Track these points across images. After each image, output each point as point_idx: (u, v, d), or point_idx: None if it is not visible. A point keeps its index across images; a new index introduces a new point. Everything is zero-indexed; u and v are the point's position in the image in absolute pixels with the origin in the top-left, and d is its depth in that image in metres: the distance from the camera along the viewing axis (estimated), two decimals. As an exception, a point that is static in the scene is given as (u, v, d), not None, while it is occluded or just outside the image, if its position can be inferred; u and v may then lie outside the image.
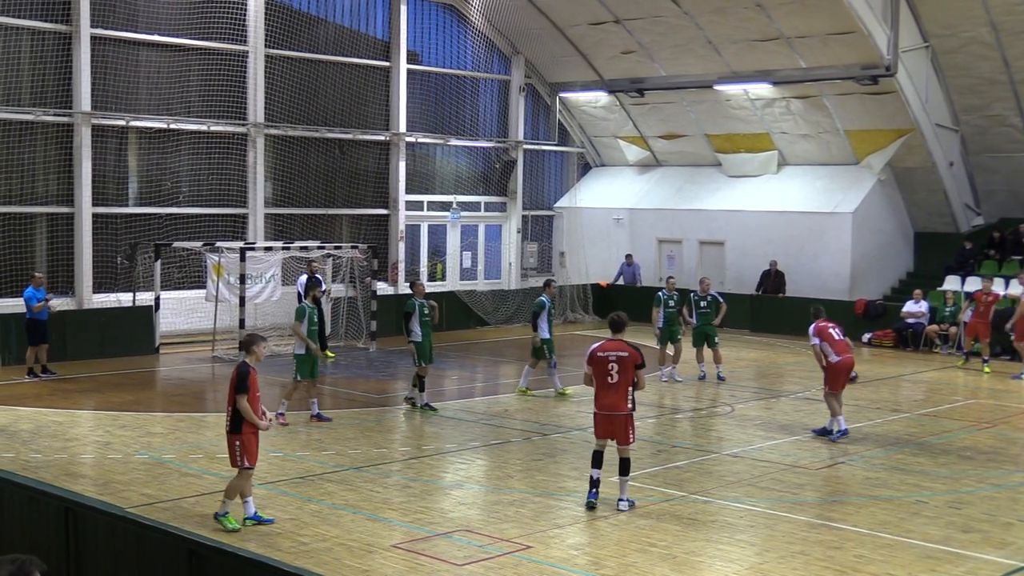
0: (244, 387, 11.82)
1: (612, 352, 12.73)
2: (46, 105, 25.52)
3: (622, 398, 12.71)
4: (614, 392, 12.71)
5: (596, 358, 12.77)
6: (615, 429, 12.79)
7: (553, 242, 38.05)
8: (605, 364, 12.73)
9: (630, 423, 12.81)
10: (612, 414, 12.77)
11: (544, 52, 35.21)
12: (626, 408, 12.72)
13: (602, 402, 12.82)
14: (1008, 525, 12.60)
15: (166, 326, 25.83)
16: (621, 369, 12.65)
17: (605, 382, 12.74)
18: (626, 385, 12.67)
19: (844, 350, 17.22)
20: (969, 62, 29.48)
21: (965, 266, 30.57)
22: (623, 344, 12.79)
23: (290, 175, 30.36)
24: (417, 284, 20.17)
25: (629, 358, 12.65)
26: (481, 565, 10.89)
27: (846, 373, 17.35)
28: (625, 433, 12.78)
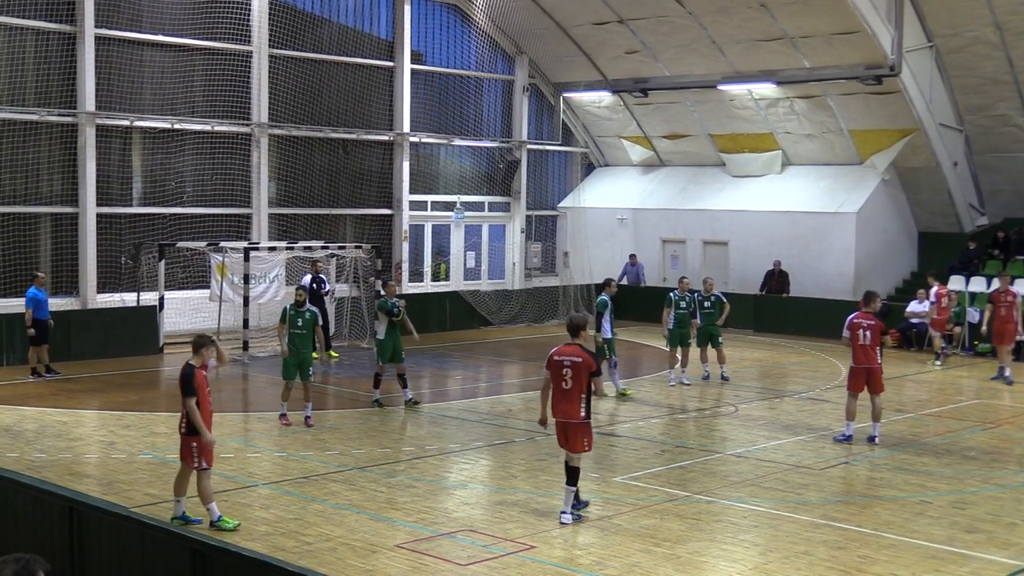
0: (190, 389, 11.89)
1: (567, 357, 12.23)
2: (50, 105, 25.55)
3: (575, 406, 12.21)
4: (568, 399, 12.23)
5: (552, 362, 12.33)
6: (569, 437, 12.31)
7: (557, 242, 38.05)
8: (560, 369, 12.26)
9: (585, 432, 12.30)
10: (566, 422, 12.30)
11: (548, 52, 35.21)
12: (579, 416, 12.23)
13: (557, 408, 12.39)
14: (1012, 525, 12.59)
15: (170, 326, 25.84)
16: (575, 375, 12.14)
17: (560, 388, 12.28)
18: (580, 392, 12.16)
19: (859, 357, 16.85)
20: (973, 62, 29.44)
21: (969, 266, 30.54)
22: (578, 349, 12.28)
23: (294, 175, 30.38)
24: (389, 284, 20.28)
25: (583, 364, 12.12)
26: (485, 565, 10.89)
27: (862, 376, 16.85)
28: (578, 441, 12.28)
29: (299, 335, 17.48)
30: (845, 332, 16.97)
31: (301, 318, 17.55)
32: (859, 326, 16.86)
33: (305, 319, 17.57)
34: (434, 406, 19.74)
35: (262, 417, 19.04)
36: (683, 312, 21.91)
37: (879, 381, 16.83)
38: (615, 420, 18.57)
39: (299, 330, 17.48)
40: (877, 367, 16.80)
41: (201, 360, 12.20)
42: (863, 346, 16.78)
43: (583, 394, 12.16)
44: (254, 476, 14.37)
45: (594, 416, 18.69)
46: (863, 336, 16.77)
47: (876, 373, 16.80)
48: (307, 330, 17.57)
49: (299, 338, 17.48)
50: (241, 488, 13.71)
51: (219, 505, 12.76)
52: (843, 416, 17.21)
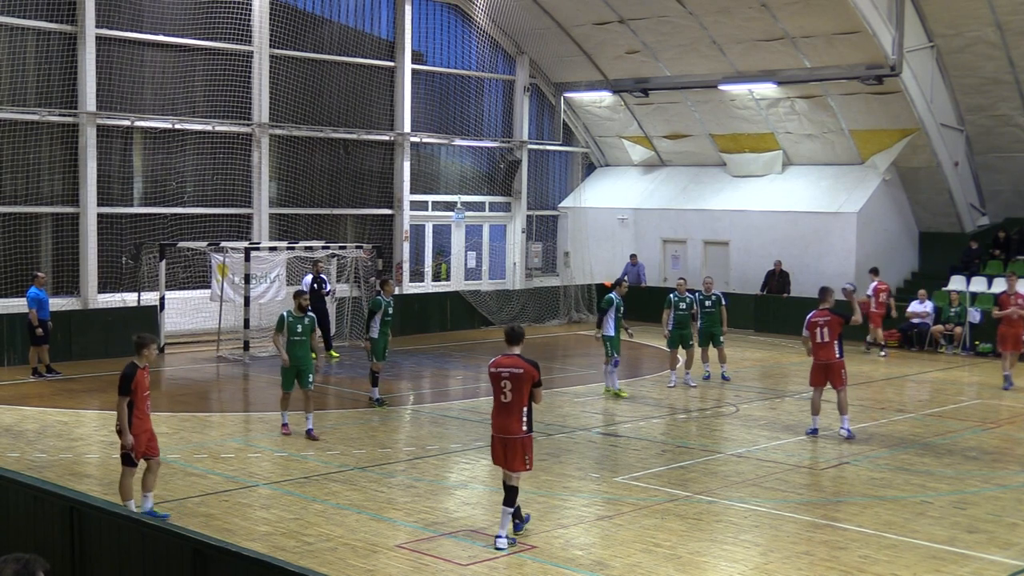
0: (125, 389, 12.01)
1: (506, 368, 11.53)
2: (51, 105, 25.55)
3: (516, 420, 11.49)
4: (507, 413, 11.52)
5: (490, 374, 11.70)
6: (508, 453, 11.56)
7: (557, 242, 38.05)
8: (498, 381, 11.57)
9: (526, 448, 11.57)
10: (505, 437, 11.56)
11: (549, 52, 35.21)
12: (520, 431, 11.51)
13: (495, 423, 11.69)
14: (1013, 525, 12.58)
15: (171, 326, 25.86)
16: (515, 387, 11.44)
17: (499, 401, 11.60)
18: (520, 405, 11.47)
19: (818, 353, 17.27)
20: (974, 62, 29.43)
21: (970, 266, 30.54)
22: (519, 360, 11.53)
23: (295, 175, 30.38)
24: (388, 283, 19.94)
25: (525, 375, 11.42)
26: (485, 565, 10.89)
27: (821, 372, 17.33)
28: (519, 459, 11.52)
29: (299, 342, 16.73)
30: (804, 331, 17.27)
31: (300, 324, 16.79)
32: (816, 324, 17.16)
33: (304, 325, 16.82)
34: (435, 406, 19.74)
35: (262, 417, 19.05)
36: (683, 313, 21.89)
37: (839, 376, 17.21)
38: (616, 420, 18.56)
39: (299, 337, 16.73)
40: (836, 362, 17.19)
41: (145, 359, 12.30)
42: (821, 343, 17.18)
43: (524, 407, 11.50)
44: (255, 476, 14.37)
45: (592, 417, 18.77)
46: (820, 334, 17.17)
47: (835, 368, 17.20)
48: (306, 336, 16.82)
49: (299, 345, 16.73)
50: (242, 488, 13.71)
51: (220, 505, 12.78)
52: (839, 416, 17.27)
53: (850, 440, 16.82)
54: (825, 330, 17.16)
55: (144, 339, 12.38)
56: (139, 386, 12.09)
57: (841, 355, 17.26)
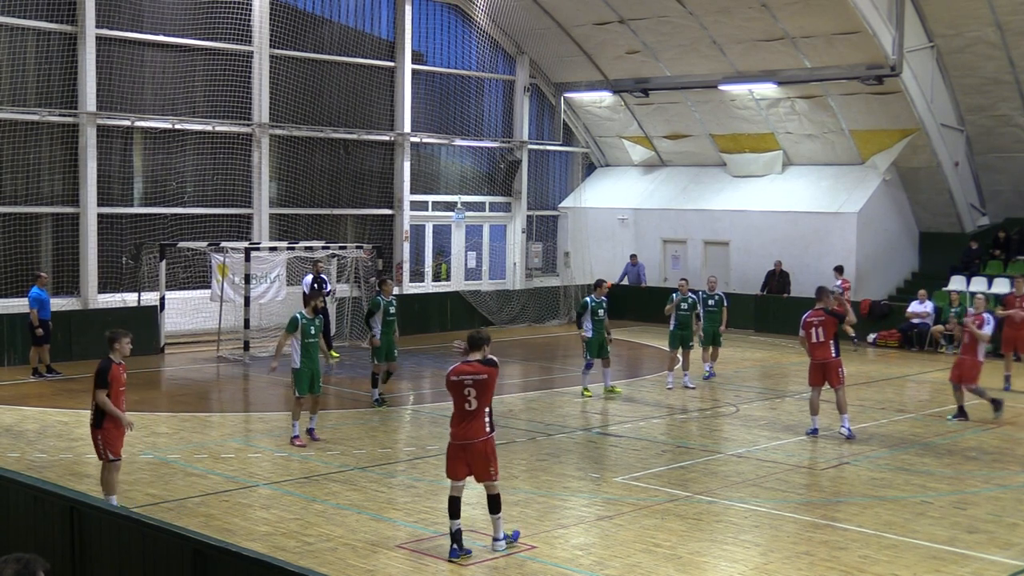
0: (102, 382, 12.04)
1: (468, 375, 11.18)
2: (51, 105, 25.55)
3: (480, 423, 11.18)
4: (471, 418, 11.17)
5: (451, 383, 11.26)
6: (473, 460, 11.17)
7: (558, 242, 38.04)
8: (461, 389, 11.19)
9: (489, 454, 11.22)
10: (467, 443, 11.18)
11: (549, 52, 35.21)
12: (484, 433, 11.20)
13: (457, 432, 11.24)
14: (1014, 526, 12.58)
15: (171, 326, 25.86)
16: (480, 393, 11.17)
17: (462, 409, 11.20)
18: (484, 408, 11.20)
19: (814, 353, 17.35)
20: (974, 62, 29.44)
21: (970, 266, 30.54)
22: (479, 366, 11.22)
23: (295, 175, 30.37)
24: (387, 283, 19.79)
25: (489, 379, 11.21)
26: (485, 565, 10.89)
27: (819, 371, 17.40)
28: (486, 465, 11.21)
29: (312, 344, 16.30)
30: (800, 332, 17.34)
31: (313, 326, 16.35)
32: (811, 324, 17.23)
33: (316, 327, 16.43)
34: (435, 406, 19.73)
35: (263, 417, 19.07)
36: (685, 314, 21.86)
37: (836, 375, 17.27)
38: (616, 420, 18.56)
39: (312, 339, 16.30)
40: (833, 361, 17.26)
41: (119, 354, 12.32)
42: (817, 343, 17.26)
43: (487, 408, 11.25)
44: (255, 476, 14.37)
45: (592, 417, 18.76)
46: (816, 334, 17.25)
47: (832, 367, 17.27)
48: (317, 339, 16.46)
49: (313, 348, 16.31)
50: (242, 488, 13.71)
51: (220, 505, 12.78)
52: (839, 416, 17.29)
53: (850, 440, 16.82)
54: (820, 330, 17.23)
55: (116, 334, 12.37)
56: (115, 380, 12.16)
57: (837, 354, 17.30)
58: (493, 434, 11.32)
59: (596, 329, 20.58)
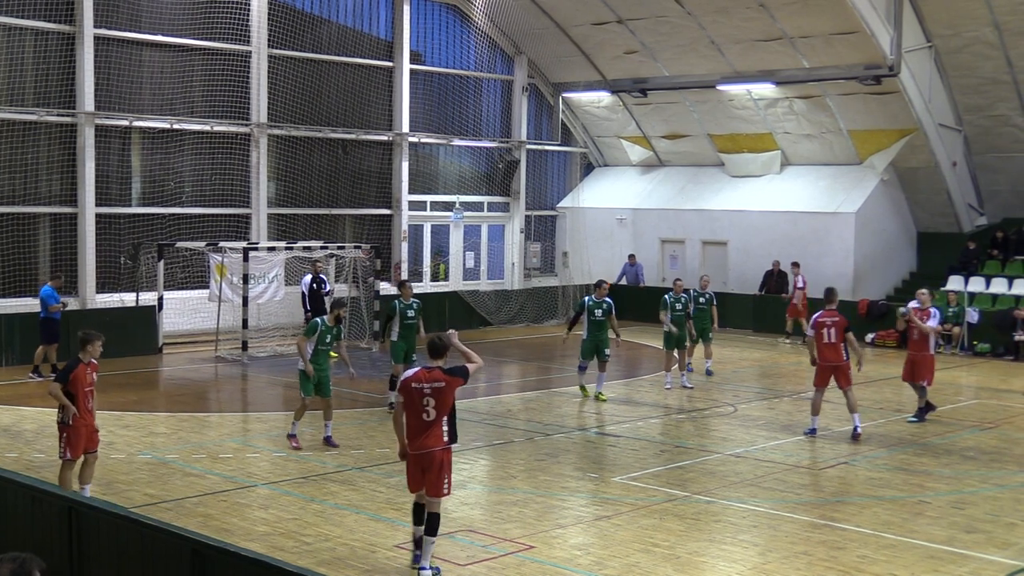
0: (63, 378, 12.26)
1: (427, 384, 10.60)
2: (49, 105, 25.54)
3: (438, 432, 10.62)
4: (429, 428, 10.59)
5: (410, 389, 10.60)
6: (428, 469, 10.60)
7: (556, 242, 38.04)
8: (419, 397, 10.57)
9: (445, 467, 10.62)
10: (424, 453, 10.60)
11: (547, 52, 35.21)
12: (443, 441, 10.63)
13: (416, 442, 10.62)
14: (1012, 525, 12.59)
15: (169, 326, 25.85)
16: (439, 402, 10.58)
17: (420, 419, 10.58)
18: (443, 417, 10.65)
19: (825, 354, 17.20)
20: (972, 62, 29.45)
21: (968, 266, 30.55)
22: (439, 373, 10.66)
23: (293, 175, 30.36)
24: (405, 287, 19.48)
25: (448, 387, 10.64)
26: (484, 565, 10.90)
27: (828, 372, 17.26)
28: (439, 477, 10.58)
29: (324, 351, 16.17)
30: (809, 331, 17.32)
31: (331, 334, 16.18)
32: (823, 324, 17.17)
33: (334, 335, 16.27)
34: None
35: (261, 417, 19.07)
36: (679, 314, 21.86)
37: (847, 376, 17.21)
38: (614, 420, 18.55)
39: (326, 346, 16.17)
40: (844, 364, 17.20)
41: (88, 355, 12.42)
42: (828, 344, 17.17)
43: (446, 416, 10.71)
44: (253, 476, 14.37)
45: (590, 417, 18.75)
46: (827, 335, 17.15)
47: (843, 369, 17.21)
48: (331, 347, 16.38)
49: (324, 354, 16.18)
50: (240, 488, 13.71)
51: (219, 505, 12.78)
52: (843, 415, 17.30)
53: (856, 438, 16.80)
54: (832, 331, 17.14)
55: (89, 335, 12.51)
56: (79, 380, 12.28)
57: (848, 356, 17.24)
58: (453, 445, 10.79)
59: (591, 331, 20.18)
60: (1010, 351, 26.51)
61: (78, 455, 12.42)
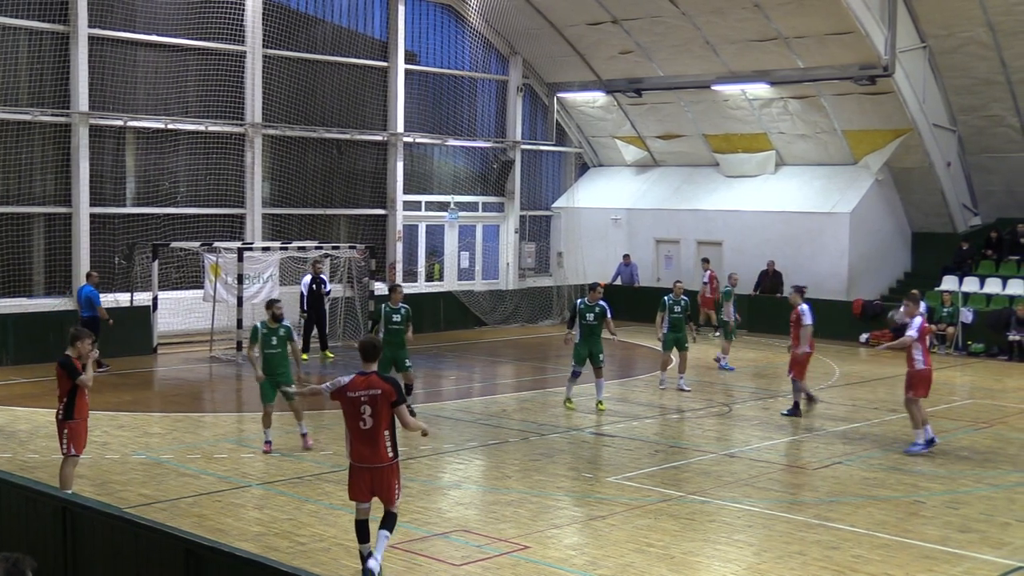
0: (75, 372, 12.26)
1: (363, 391, 10.21)
2: (43, 105, 25.49)
3: (381, 446, 10.24)
4: (370, 440, 10.23)
5: (345, 398, 10.27)
6: (378, 486, 10.34)
7: (551, 242, 38.04)
8: (356, 406, 10.23)
9: (395, 476, 10.40)
10: (372, 467, 10.29)
11: (542, 52, 35.21)
12: (387, 457, 10.28)
13: (358, 453, 10.32)
14: (1006, 525, 12.61)
15: (164, 326, 25.81)
16: (376, 411, 10.19)
17: (358, 428, 10.25)
18: (382, 429, 10.24)
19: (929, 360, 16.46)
20: (966, 62, 29.49)
21: (962, 266, 30.59)
22: (375, 379, 10.28)
23: (288, 175, 30.34)
24: (395, 291, 18.90)
25: (383, 395, 10.19)
26: (479, 565, 10.89)
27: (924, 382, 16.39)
28: (390, 490, 10.36)
29: (273, 355, 15.65)
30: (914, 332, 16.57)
31: (275, 336, 15.68)
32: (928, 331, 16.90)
33: (280, 336, 15.68)
34: (428, 406, 19.72)
35: (255, 418, 19.02)
36: (678, 316, 21.64)
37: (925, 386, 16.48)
38: (608, 420, 18.55)
39: (273, 349, 15.64)
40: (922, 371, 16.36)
41: (77, 352, 12.44)
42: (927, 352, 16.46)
43: (387, 431, 10.27)
44: (248, 476, 14.36)
45: (585, 416, 18.75)
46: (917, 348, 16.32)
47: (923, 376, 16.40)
48: (281, 348, 15.68)
49: (274, 358, 15.66)
50: (235, 488, 13.70)
51: (213, 505, 12.77)
52: (835, 416, 17.27)
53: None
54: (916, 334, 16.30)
55: (78, 332, 12.60)
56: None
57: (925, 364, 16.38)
58: (397, 460, 10.44)
59: (584, 336, 19.24)
60: (1004, 351, 26.53)
61: (82, 450, 12.50)
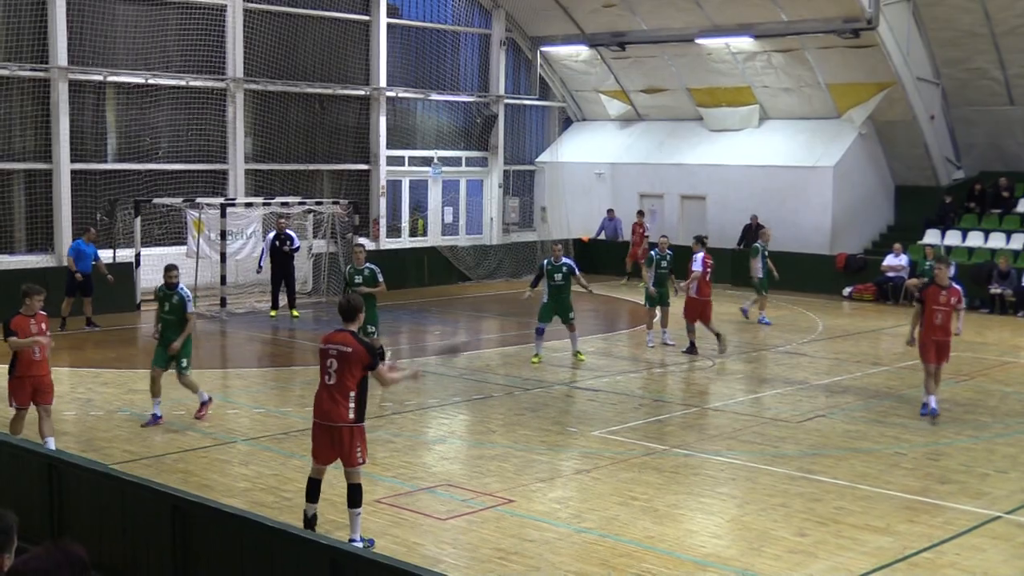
0: (8, 332, 12.55)
1: (334, 345, 10.13)
2: (22, 60, 25.22)
3: (342, 406, 10.07)
4: (330, 396, 10.11)
5: (318, 350, 10.33)
6: (335, 446, 10.18)
7: (535, 197, 37.97)
8: (324, 359, 10.20)
9: (357, 438, 10.17)
10: (330, 425, 10.13)
11: (525, 5, 34.96)
12: (347, 418, 10.09)
13: (318, 408, 10.24)
14: (984, 476, 12.75)
15: (147, 283, 25.66)
16: (341, 367, 10.05)
17: (323, 382, 10.20)
18: (347, 390, 10.06)
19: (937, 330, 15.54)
20: (950, 15, 29.41)
21: (945, 220, 30.68)
22: (349, 337, 10.15)
23: (270, 130, 30.14)
24: (355, 251, 18.53)
25: (353, 355, 10.02)
26: (464, 519, 10.97)
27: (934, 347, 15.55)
28: (350, 451, 10.13)
29: (167, 321, 14.85)
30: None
31: (168, 302, 14.91)
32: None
33: (172, 304, 14.87)
34: (412, 361, 19.75)
35: (240, 374, 19.07)
36: (663, 272, 21.64)
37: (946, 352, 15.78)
38: (594, 375, 18.62)
39: (167, 315, 14.86)
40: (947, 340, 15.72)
41: (28, 309, 12.70)
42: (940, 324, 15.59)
43: (352, 392, 10.10)
44: (233, 432, 14.39)
45: (568, 371, 18.82)
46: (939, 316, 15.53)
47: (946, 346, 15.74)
48: (175, 316, 14.80)
49: (167, 325, 14.85)
50: (220, 444, 13.73)
51: (199, 461, 12.80)
52: (818, 370, 17.36)
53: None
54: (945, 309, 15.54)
55: (28, 289, 12.79)
56: (21, 331, 12.56)
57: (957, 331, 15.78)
58: (360, 424, 10.22)
59: (551, 294, 19.51)
60: (986, 304, 26.68)
61: (24, 403, 12.79)
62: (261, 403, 16.00)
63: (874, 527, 10.86)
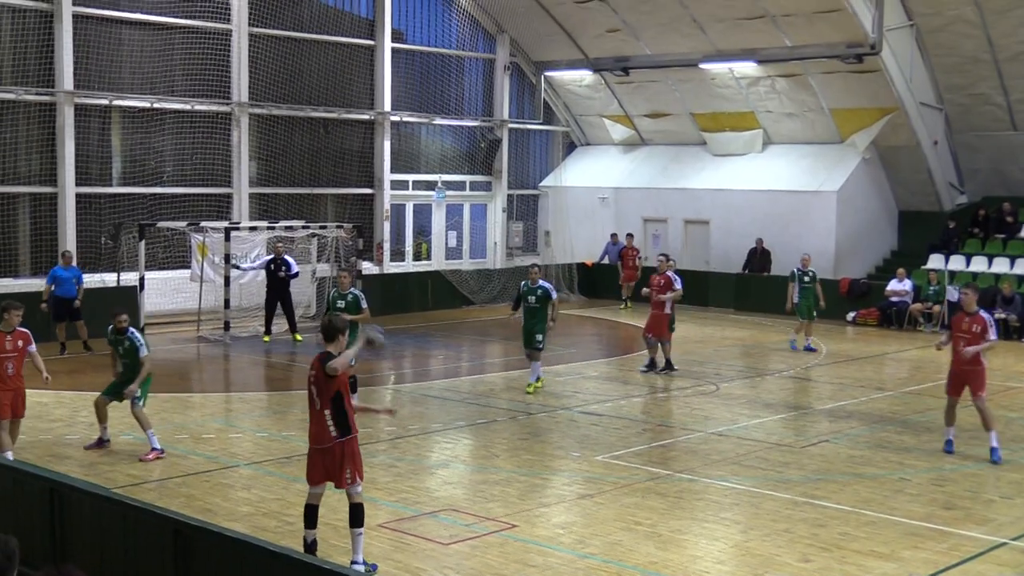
0: None
1: (311, 371, 10.13)
2: (28, 84, 25.34)
3: (323, 425, 10.03)
4: (315, 419, 10.11)
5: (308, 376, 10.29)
6: (328, 467, 10.13)
7: (539, 221, 38.01)
8: (308, 384, 10.17)
9: (347, 457, 10.07)
10: (321, 448, 10.11)
11: (529, 31, 35.09)
12: (330, 437, 10.01)
13: (310, 432, 10.25)
14: (990, 502, 12.70)
15: (151, 306, 25.71)
16: (317, 388, 10.01)
17: (311, 408, 10.16)
18: (323, 408, 9.99)
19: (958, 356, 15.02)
20: (953, 41, 29.48)
21: (949, 245, 30.67)
22: (316, 360, 10.11)
23: (274, 154, 30.23)
24: (341, 276, 18.15)
25: (318, 373, 10.02)
26: (467, 544, 10.93)
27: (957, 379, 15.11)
28: (340, 472, 10.08)
29: (125, 364, 14.56)
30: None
31: (120, 347, 14.51)
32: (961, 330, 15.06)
33: (125, 348, 14.45)
34: (416, 386, 19.75)
35: (243, 397, 19.05)
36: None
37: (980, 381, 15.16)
38: (597, 399, 18.59)
39: (123, 358, 14.55)
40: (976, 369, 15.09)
41: (7, 325, 12.93)
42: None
43: (328, 410, 10.00)
44: (236, 456, 14.36)
45: (572, 395, 18.78)
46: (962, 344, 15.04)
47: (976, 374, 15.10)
48: (130, 359, 14.46)
49: (126, 368, 14.56)
50: (223, 468, 13.71)
51: (201, 485, 12.79)
52: (822, 395, 17.31)
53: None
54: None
55: (7, 305, 13.02)
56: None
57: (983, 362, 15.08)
58: (345, 438, 10.06)
59: (525, 317, 18.99)
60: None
61: (5, 415, 12.89)
62: (264, 427, 15.98)
63: (878, 553, 10.81)
